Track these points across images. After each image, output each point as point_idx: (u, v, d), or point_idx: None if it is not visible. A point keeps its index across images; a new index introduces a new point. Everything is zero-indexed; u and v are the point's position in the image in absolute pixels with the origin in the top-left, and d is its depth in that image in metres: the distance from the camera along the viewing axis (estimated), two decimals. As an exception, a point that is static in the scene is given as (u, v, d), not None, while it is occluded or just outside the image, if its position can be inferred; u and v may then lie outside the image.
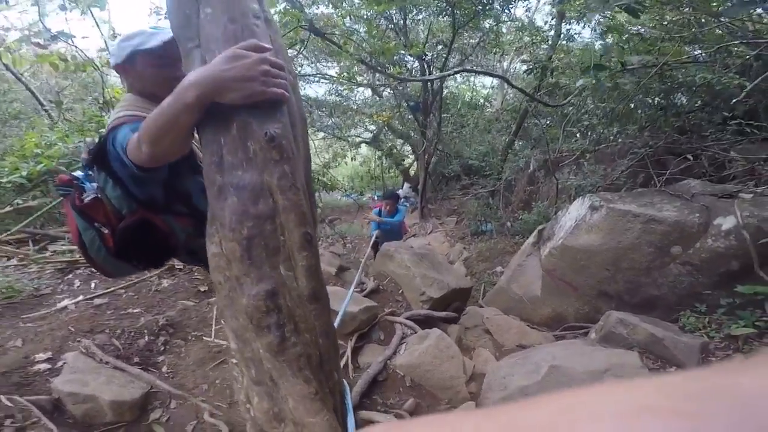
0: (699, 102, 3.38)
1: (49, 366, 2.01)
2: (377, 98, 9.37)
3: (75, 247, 3.48)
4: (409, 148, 12.46)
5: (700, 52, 2.81)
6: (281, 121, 0.76)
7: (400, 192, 11.93)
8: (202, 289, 3.10)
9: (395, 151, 12.80)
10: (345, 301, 2.08)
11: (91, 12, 4.61)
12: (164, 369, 2.26)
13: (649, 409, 0.17)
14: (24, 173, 3.62)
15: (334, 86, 9.09)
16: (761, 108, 2.87)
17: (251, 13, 0.85)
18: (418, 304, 3.15)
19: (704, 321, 2.44)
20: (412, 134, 10.55)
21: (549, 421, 0.20)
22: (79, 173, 1.36)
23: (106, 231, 1.29)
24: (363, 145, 13.51)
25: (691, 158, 3.48)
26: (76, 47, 3.71)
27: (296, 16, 3.94)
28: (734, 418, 0.16)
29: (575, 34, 4.34)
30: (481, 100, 10.23)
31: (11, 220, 3.91)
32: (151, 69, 1.22)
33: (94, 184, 1.32)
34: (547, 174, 5.72)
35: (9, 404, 1.73)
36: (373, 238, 4.30)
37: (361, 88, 9.02)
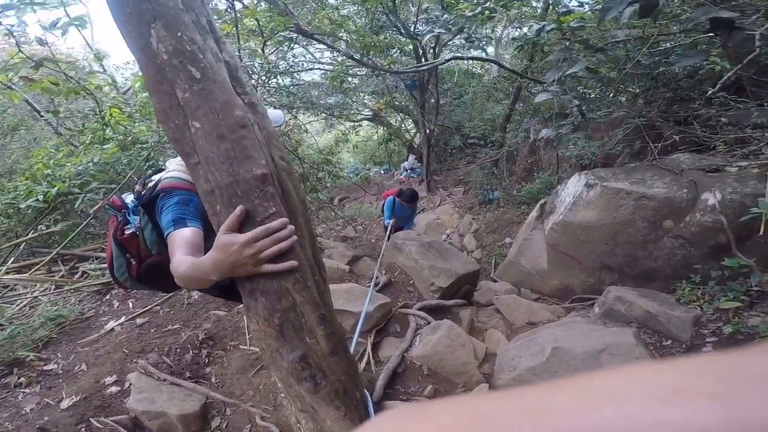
0: (686, 74, 3.41)
1: (118, 388, 2.31)
2: (374, 78, 9.31)
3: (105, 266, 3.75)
4: (411, 122, 12.39)
5: (679, 31, 2.81)
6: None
7: (406, 164, 11.99)
8: (229, 299, 3.40)
9: (396, 127, 12.75)
10: (363, 311, 2.35)
11: (80, 33, 4.70)
12: (213, 379, 2.54)
13: (680, 390, 0.17)
14: (40, 197, 3.67)
15: (328, 72, 9.03)
16: (746, 80, 2.91)
17: (237, 123, 0.93)
18: (429, 293, 3.39)
19: (698, 293, 2.61)
20: (411, 107, 10.49)
21: (575, 403, 0.19)
22: (129, 200, 1.52)
23: (134, 262, 1.53)
24: (364, 122, 13.48)
25: (684, 126, 3.54)
26: (64, 74, 3.81)
27: (282, 22, 3.98)
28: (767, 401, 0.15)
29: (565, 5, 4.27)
30: (478, 69, 10.04)
31: (38, 243, 4.08)
32: None
33: (137, 219, 1.55)
34: (547, 144, 5.77)
35: (99, 426, 2.03)
36: (389, 231, 4.43)
37: (356, 70, 8.93)
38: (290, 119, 9.11)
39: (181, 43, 0.89)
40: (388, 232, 4.39)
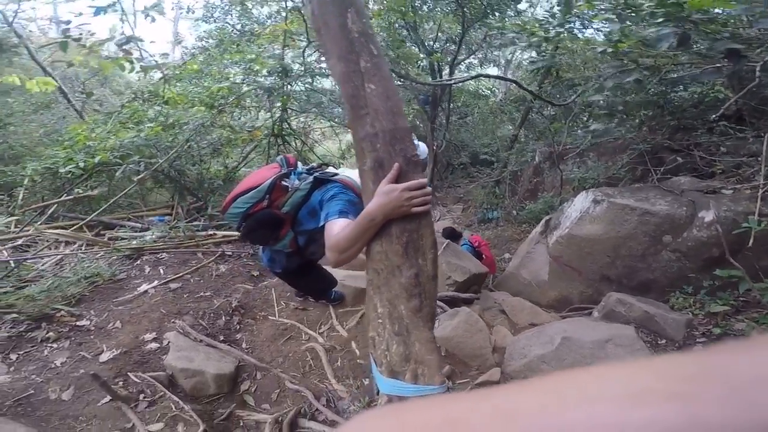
0: (691, 104, 3.78)
1: (157, 345, 2.38)
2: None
3: (139, 235, 3.77)
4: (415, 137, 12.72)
5: (688, 62, 3.16)
6: None
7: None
8: (254, 274, 3.52)
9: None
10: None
11: (153, 18, 4.88)
12: (243, 345, 2.64)
13: (646, 391, 0.18)
14: (81, 164, 3.82)
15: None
16: (746, 111, 3.27)
17: (395, 90, 1.25)
18: (444, 287, 3.61)
19: (690, 301, 2.88)
20: (418, 123, 10.86)
21: (540, 403, 0.20)
22: (300, 167, 1.89)
23: (264, 204, 1.78)
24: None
25: (685, 153, 3.89)
26: (146, 51, 4.05)
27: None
28: (727, 400, 0.16)
29: (577, 29, 4.63)
30: (486, 90, 10.53)
31: (64, 209, 4.15)
32: None
33: (298, 182, 1.80)
34: (552, 166, 6.12)
35: (137, 380, 2.09)
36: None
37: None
38: (305, 121, 9.38)
39: (365, 26, 1.21)
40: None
